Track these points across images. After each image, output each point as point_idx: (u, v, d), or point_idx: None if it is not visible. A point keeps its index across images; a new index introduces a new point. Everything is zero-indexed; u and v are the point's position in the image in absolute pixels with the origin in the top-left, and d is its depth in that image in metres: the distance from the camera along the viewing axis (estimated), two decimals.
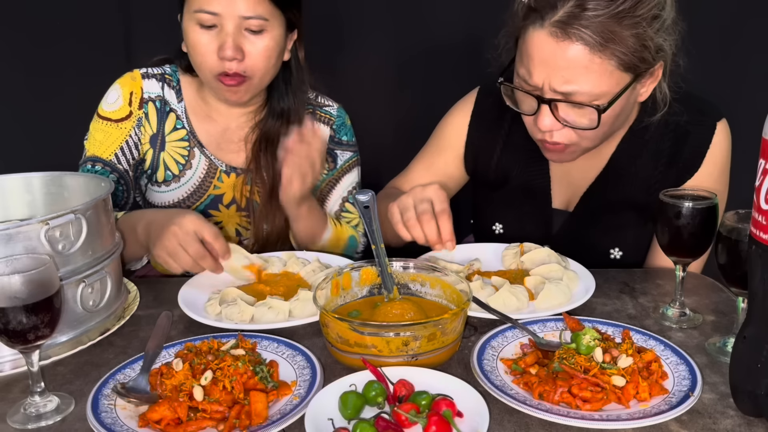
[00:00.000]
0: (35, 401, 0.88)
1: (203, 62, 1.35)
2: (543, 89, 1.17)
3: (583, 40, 1.10)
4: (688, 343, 1.03)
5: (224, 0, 1.30)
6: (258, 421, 0.82)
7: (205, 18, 1.31)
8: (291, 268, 1.27)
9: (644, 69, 1.16)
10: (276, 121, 1.48)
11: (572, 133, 1.21)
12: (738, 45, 1.92)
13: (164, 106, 1.47)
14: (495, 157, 1.46)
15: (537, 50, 1.15)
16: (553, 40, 1.12)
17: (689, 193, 1.09)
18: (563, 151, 1.26)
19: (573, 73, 1.13)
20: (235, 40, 1.32)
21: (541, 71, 1.15)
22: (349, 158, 1.58)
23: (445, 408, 0.81)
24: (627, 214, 1.37)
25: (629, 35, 1.11)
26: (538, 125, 1.21)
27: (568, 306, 1.10)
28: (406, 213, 1.18)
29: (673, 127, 1.32)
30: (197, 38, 1.34)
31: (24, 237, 0.94)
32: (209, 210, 1.51)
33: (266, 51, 1.35)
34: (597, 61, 1.11)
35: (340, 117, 1.57)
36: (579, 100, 1.15)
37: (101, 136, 1.44)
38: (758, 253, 0.80)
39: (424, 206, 1.17)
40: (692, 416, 0.84)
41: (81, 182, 1.20)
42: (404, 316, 1.01)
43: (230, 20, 1.31)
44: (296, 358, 0.96)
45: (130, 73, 1.47)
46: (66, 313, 0.98)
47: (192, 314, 1.08)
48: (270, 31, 1.35)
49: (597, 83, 1.13)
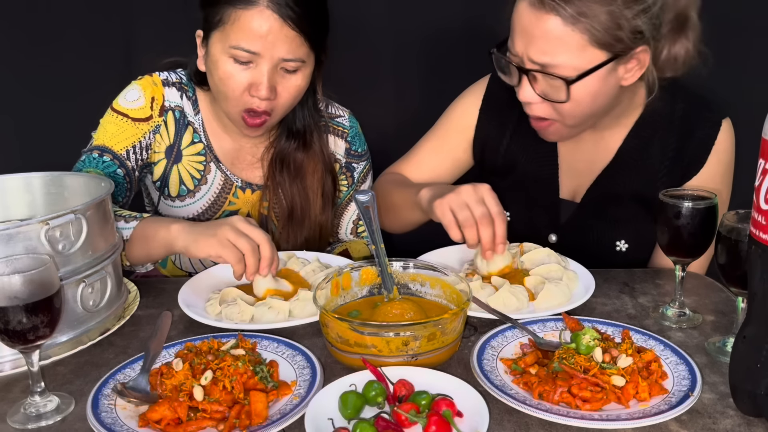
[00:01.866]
0: (35, 401, 0.88)
1: (231, 96, 1.31)
2: (522, 59, 1.21)
3: (558, 12, 1.14)
4: (688, 343, 1.03)
5: (267, 42, 1.25)
6: (258, 421, 0.82)
7: (243, 56, 1.26)
8: (291, 268, 1.27)
9: (620, 49, 1.18)
10: (290, 141, 1.46)
11: (551, 109, 1.25)
12: (738, 45, 1.92)
13: (183, 118, 1.44)
14: (504, 143, 1.46)
15: (518, 20, 1.20)
16: (532, 11, 1.17)
17: (689, 193, 1.09)
18: (547, 128, 1.30)
19: (549, 44, 1.17)
20: (270, 81, 1.28)
21: (520, 41, 1.21)
22: (363, 167, 1.57)
23: (445, 408, 0.81)
24: (633, 206, 1.37)
25: (603, 11, 1.14)
26: (519, 97, 1.26)
27: (567, 306, 1.10)
28: (462, 213, 1.14)
29: (680, 122, 1.34)
30: (229, 72, 1.29)
31: (24, 237, 0.94)
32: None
33: (297, 90, 1.33)
34: (570, 33, 1.15)
35: (353, 127, 1.55)
36: (553, 72, 1.18)
37: (114, 129, 1.39)
38: (758, 253, 0.80)
39: (482, 209, 1.14)
40: (692, 416, 0.84)
41: (81, 182, 1.20)
42: (404, 316, 1.01)
43: (269, 61, 1.27)
44: (296, 358, 0.96)
45: (150, 77, 1.43)
46: (66, 313, 0.98)
47: (192, 314, 1.08)
48: (303, 71, 1.32)
49: (570, 56, 1.17)
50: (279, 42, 1.26)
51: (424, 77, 2.05)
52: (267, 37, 1.25)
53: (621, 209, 1.38)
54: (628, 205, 1.38)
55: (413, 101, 2.06)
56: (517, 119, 1.43)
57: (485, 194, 1.16)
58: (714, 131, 1.32)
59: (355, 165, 1.55)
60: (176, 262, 1.57)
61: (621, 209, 1.38)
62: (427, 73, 2.05)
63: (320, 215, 1.48)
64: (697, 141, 1.33)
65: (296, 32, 1.26)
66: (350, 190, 1.56)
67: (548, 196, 1.44)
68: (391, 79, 2.06)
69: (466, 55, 1.96)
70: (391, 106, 2.08)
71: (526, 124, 1.36)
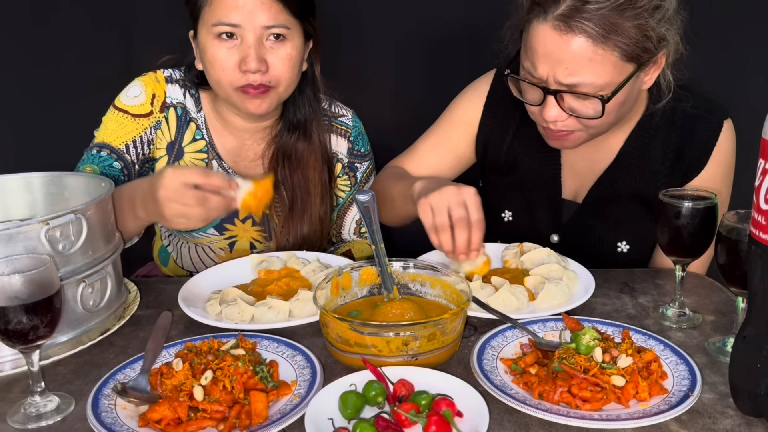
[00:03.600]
0: (35, 401, 0.88)
1: (224, 77, 1.31)
2: (548, 81, 1.18)
3: (586, 32, 1.12)
4: (688, 343, 1.03)
5: (245, 10, 1.26)
6: (258, 421, 0.82)
7: (225, 30, 1.27)
8: (292, 267, 1.27)
9: (647, 58, 1.18)
10: (292, 134, 1.45)
11: (577, 122, 1.23)
12: (738, 45, 1.92)
13: (185, 115, 1.44)
14: (507, 141, 1.46)
15: (541, 44, 1.16)
16: (556, 33, 1.14)
17: (689, 193, 1.09)
18: (566, 138, 1.28)
19: (577, 65, 1.14)
20: (257, 52, 1.28)
21: (545, 64, 1.17)
22: (366, 167, 1.57)
23: (445, 408, 0.81)
24: (634, 207, 1.38)
25: (631, 26, 1.12)
26: (543, 116, 1.23)
27: (567, 306, 1.10)
28: (439, 217, 1.12)
29: (681, 123, 1.34)
30: (216, 52, 1.29)
31: (24, 237, 0.94)
32: (224, 224, 1.48)
33: (289, 59, 1.32)
34: (600, 52, 1.13)
35: (356, 127, 1.55)
36: (583, 91, 1.17)
37: (114, 125, 1.40)
38: (758, 253, 0.80)
39: (461, 212, 1.12)
40: (692, 416, 0.84)
41: (81, 182, 1.20)
42: (404, 316, 1.01)
43: (251, 31, 1.27)
44: (296, 358, 0.96)
45: (154, 74, 1.43)
46: (66, 313, 0.98)
47: (192, 314, 1.08)
48: (291, 40, 1.32)
49: (601, 74, 1.15)
50: (257, 10, 1.27)
51: (425, 76, 2.05)
52: (245, 6, 1.26)
53: (622, 210, 1.38)
54: (630, 206, 1.38)
55: (413, 99, 2.06)
56: (521, 117, 1.42)
57: (468, 198, 1.13)
58: (715, 132, 1.32)
59: (358, 165, 1.55)
60: (178, 260, 1.57)
61: (622, 210, 1.38)
62: (428, 71, 2.05)
63: (320, 207, 1.47)
64: (699, 142, 1.33)
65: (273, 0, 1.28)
66: (353, 190, 1.55)
67: (550, 196, 1.44)
68: (392, 78, 2.07)
69: (465, 55, 1.97)
70: (391, 104, 2.08)
71: (530, 122, 1.35)
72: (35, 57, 2.01)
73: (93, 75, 1.96)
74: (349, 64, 2.01)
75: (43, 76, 2.01)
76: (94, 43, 1.99)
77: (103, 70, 1.95)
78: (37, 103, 2.03)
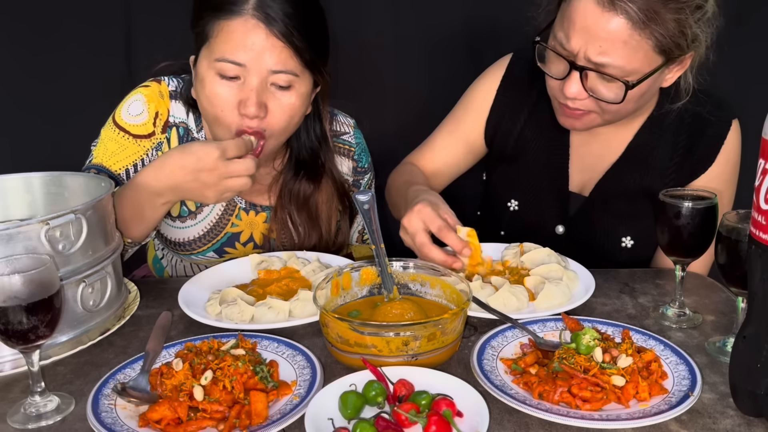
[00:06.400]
0: (35, 401, 0.88)
1: (220, 117, 1.22)
2: (577, 56, 1.18)
3: (628, 14, 1.12)
4: (688, 343, 1.03)
5: (253, 52, 1.17)
6: (258, 421, 0.82)
7: (229, 69, 1.19)
8: (292, 267, 1.27)
9: (677, 55, 1.18)
10: (298, 174, 1.40)
11: (595, 104, 1.23)
12: (738, 45, 1.92)
13: (187, 135, 1.35)
14: (518, 127, 1.46)
15: (580, 16, 1.16)
16: (598, 9, 1.14)
17: (689, 193, 1.09)
18: (579, 118, 1.28)
19: (610, 45, 1.14)
20: (259, 96, 1.19)
21: (579, 38, 1.17)
22: (368, 180, 1.55)
23: (445, 408, 0.81)
24: (641, 202, 1.38)
25: (671, 19, 1.13)
26: (564, 91, 1.23)
27: (567, 306, 1.10)
28: (418, 237, 1.16)
29: (691, 120, 1.34)
30: (215, 89, 1.21)
31: (24, 237, 0.94)
32: (225, 248, 1.43)
33: (291, 109, 1.24)
34: (636, 37, 1.13)
35: (359, 144, 1.50)
36: (610, 72, 1.17)
37: (114, 146, 1.32)
38: (758, 253, 0.80)
39: (437, 223, 1.15)
40: (692, 416, 0.84)
41: (81, 182, 1.20)
42: (404, 316, 1.01)
43: (256, 74, 1.19)
44: (296, 357, 0.96)
45: (158, 86, 1.34)
46: (66, 313, 0.98)
47: (192, 314, 1.08)
48: (297, 88, 1.23)
49: (631, 59, 1.15)
50: (266, 52, 1.18)
51: (427, 78, 2.05)
52: (253, 48, 1.18)
53: (628, 205, 1.39)
54: (636, 201, 1.38)
55: (416, 102, 2.06)
56: (534, 102, 1.42)
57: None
58: (724, 130, 1.33)
59: (361, 180, 1.54)
60: (173, 274, 1.55)
61: (628, 205, 1.39)
62: (430, 74, 2.05)
63: (331, 232, 1.43)
64: (708, 139, 1.34)
65: (284, 43, 1.18)
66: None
67: (557, 187, 1.44)
68: (394, 81, 2.07)
69: (468, 57, 1.96)
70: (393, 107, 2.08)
71: (543, 110, 1.35)
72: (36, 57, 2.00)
73: (94, 77, 1.95)
74: (350, 67, 2.01)
75: (42, 78, 2.01)
76: (94, 44, 1.99)
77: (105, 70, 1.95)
78: (38, 104, 2.03)
